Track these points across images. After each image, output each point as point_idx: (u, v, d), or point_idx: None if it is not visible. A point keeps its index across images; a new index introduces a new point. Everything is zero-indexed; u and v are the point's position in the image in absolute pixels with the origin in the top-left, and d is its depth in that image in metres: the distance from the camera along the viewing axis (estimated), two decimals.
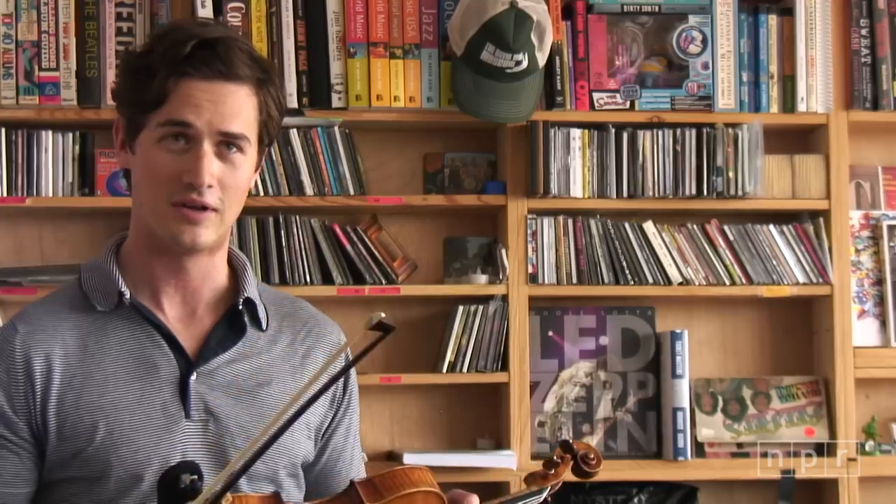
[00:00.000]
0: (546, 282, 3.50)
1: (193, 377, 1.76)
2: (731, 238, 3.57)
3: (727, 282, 3.56)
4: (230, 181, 1.74)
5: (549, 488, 1.91)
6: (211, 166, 1.72)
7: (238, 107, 1.74)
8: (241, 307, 1.82)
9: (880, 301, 3.65)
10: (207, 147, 1.72)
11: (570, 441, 1.96)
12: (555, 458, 1.93)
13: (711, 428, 3.59)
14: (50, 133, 3.38)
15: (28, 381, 1.72)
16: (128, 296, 1.77)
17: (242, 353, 1.80)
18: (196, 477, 1.63)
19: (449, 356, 3.46)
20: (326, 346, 1.89)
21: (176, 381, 1.75)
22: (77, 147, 3.40)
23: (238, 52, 1.75)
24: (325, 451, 1.89)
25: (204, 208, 1.72)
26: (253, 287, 1.85)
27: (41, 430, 1.72)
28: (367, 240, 3.47)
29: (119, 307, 1.78)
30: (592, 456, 1.96)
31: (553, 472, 1.92)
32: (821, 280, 3.58)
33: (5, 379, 1.72)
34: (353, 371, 1.90)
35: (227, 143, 1.74)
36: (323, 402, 1.86)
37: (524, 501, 1.88)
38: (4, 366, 1.73)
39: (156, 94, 1.72)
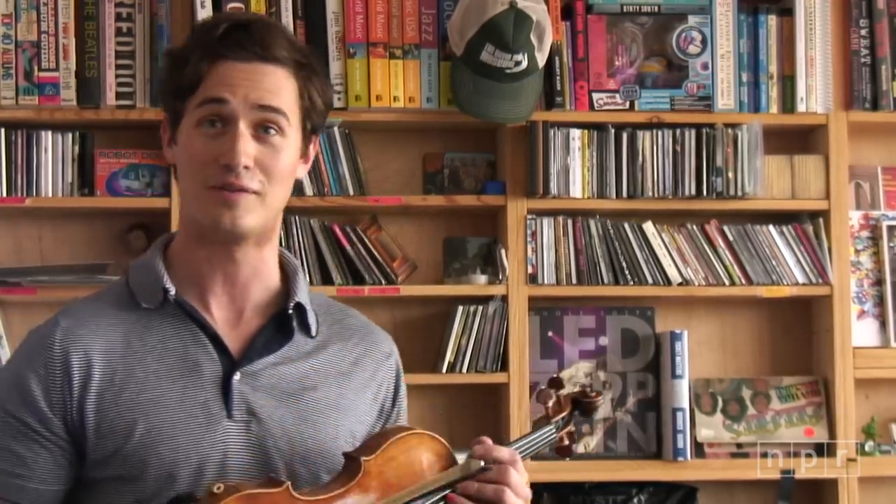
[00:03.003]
0: (546, 282, 3.50)
1: (237, 377, 1.72)
2: (731, 238, 3.57)
3: (727, 282, 3.56)
4: (270, 163, 1.71)
5: (559, 422, 1.93)
6: (247, 147, 1.69)
7: (276, 86, 1.71)
8: (290, 311, 1.78)
9: (880, 301, 3.65)
10: (244, 128, 1.69)
11: (558, 377, 2.00)
12: (546, 387, 1.96)
13: (711, 428, 3.59)
14: (49, 133, 3.38)
15: (66, 377, 1.68)
16: (172, 292, 1.74)
17: (288, 356, 1.77)
18: None
19: (448, 356, 3.46)
20: (377, 354, 1.86)
21: (218, 380, 1.71)
22: (76, 147, 3.40)
23: (275, 34, 1.73)
24: None
25: (242, 191, 1.70)
26: (304, 292, 1.82)
27: (77, 427, 1.68)
28: (366, 240, 3.47)
29: (164, 305, 1.74)
30: (590, 390, 2.02)
31: (552, 403, 1.94)
32: (820, 280, 3.58)
33: (43, 373, 1.68)
34: (403, 386, 1.89)
35: (265, 124, 1.71)
36: (371, 412, 1.83)
37: (540, 441, 1.90)
38: (43, 359, 1.69)
39: (190, 78, 1.70)
